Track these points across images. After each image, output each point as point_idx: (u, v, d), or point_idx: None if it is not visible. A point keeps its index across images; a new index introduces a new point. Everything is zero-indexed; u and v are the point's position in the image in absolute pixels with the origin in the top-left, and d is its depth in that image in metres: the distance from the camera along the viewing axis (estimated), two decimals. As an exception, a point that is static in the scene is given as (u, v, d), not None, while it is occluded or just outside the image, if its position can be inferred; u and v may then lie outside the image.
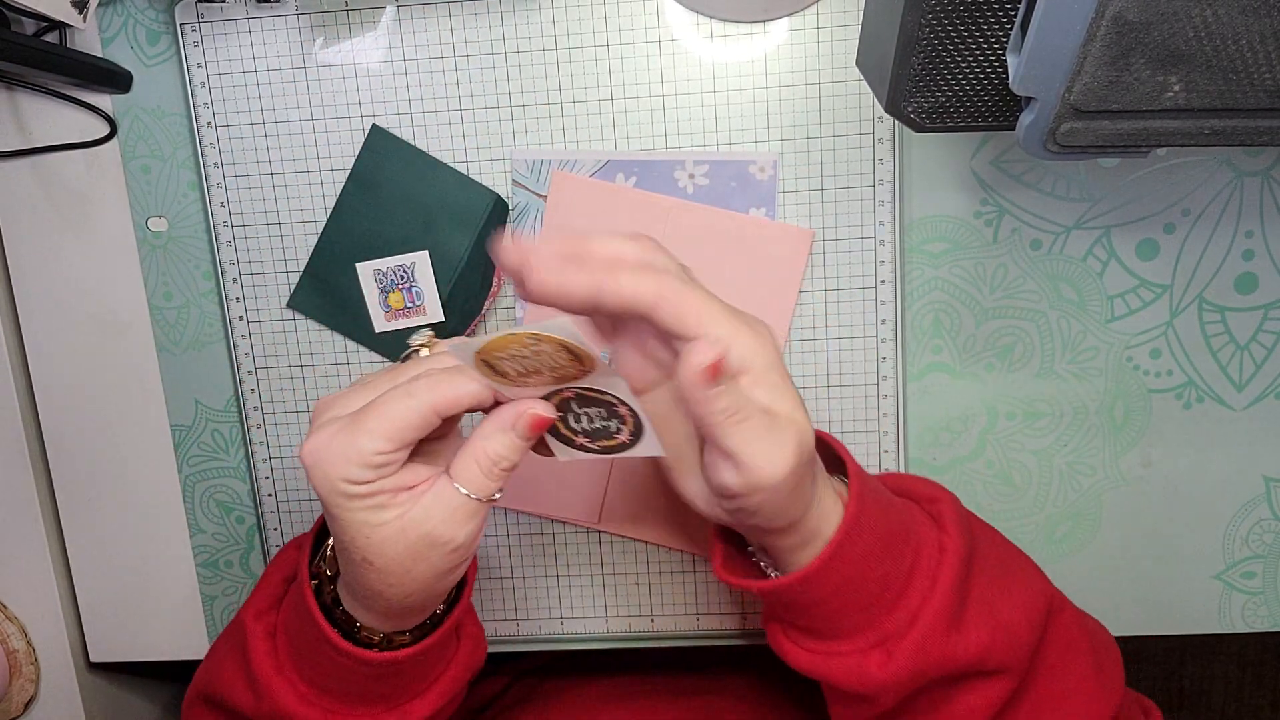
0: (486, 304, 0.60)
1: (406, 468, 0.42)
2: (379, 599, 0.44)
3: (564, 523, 0.64)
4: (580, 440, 0.45)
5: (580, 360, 0.40)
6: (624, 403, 0.42)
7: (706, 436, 0.41)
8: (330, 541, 0.50)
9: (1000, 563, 0.50)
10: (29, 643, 0.67)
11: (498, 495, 0.43)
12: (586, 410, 0.43)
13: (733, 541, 0.51)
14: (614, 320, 0.45)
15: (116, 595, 0.68)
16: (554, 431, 0.45)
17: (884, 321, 0.60)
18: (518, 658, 0.78)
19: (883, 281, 0.59)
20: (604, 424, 0.43)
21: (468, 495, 0.42)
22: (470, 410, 0.42)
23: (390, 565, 0.42)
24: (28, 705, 0.68)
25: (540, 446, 0.45)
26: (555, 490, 0.63)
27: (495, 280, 0.60)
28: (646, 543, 0.64)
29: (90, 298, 0.63)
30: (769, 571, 0.49)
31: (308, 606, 0.46)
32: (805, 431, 0.41)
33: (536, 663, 0.75)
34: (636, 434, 0.43)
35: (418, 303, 0.60)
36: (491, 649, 0.66)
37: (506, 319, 0.61)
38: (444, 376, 0.41)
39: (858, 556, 0.44)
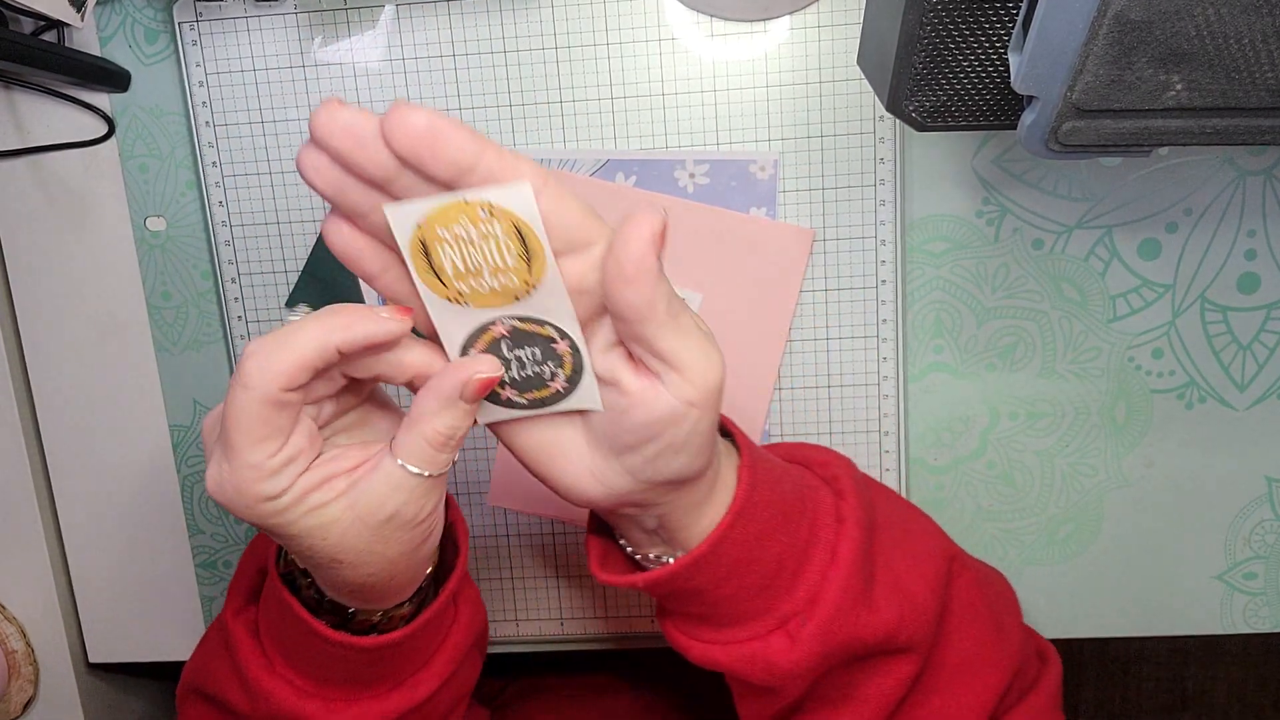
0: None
1: (333, 454, 0.39)
2: (362, 589, 0.41)
3: (564, 523, 0.64)
4: (507, 393, 0.39)
5: (530, 261, 0.35)
6: (565, 335, 0.37)
7: (642, 339, 0.36)
8: None
9: (902, 526, 0.48)
10: (28, 643, 0.67)
11: (443, 472, 0.39)
12: (518, 353, 0.38)
13: (608, 538, 0.47)
14: None
15: (115, 596, 0.68)
16: None
17: (885, 321, 0.59)
18: (518, 657, 0.78)
19: (884, 281, 0.59)
20: (537, 369, 0.38)
21: (411, 469, 0.38)
22: (329, 359, 0.36)
23: (360, 557, 0.39)
24: (27, 706, 0.68)
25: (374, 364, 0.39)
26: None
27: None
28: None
29: (88, 297, 0.63)
30: (648, 566, 0.45)
31: (288, 605, 0.43)
32: (716, 356, 0.38)
33: (536, 662, 0.75)
34: (573, 380, 0.38)
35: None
36: (491, 649, 0.66)
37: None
38: (278, 350, 0.35)
39: (751, 536, 0.42)
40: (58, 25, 0.57)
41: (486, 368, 0.37)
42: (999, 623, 0.50)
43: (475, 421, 0.39)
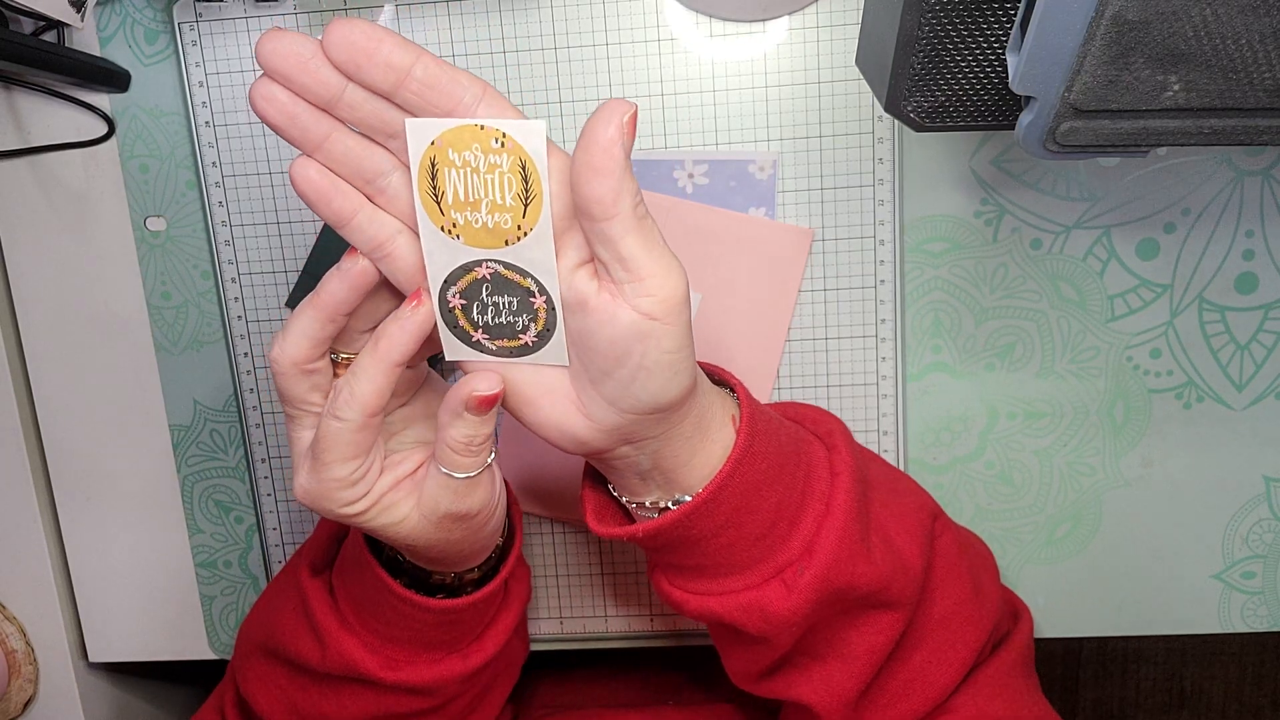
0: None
1: (400, 457, 0.44)
2: (437, 563, 0.47)
3: (564, 523, 0.64)
4: (478, 336, 0.40)
5: (526, 204, 0.36)
6: (544, 291, 0.38)
7: (606, 239, 0.36)
8: None
9: (889, 485, 0.49)
10: (28, 642, 0.67)
11: (490, 460, 0.42)
12: (496, 299, 0.39)
13: (603, 492, 0.49)
14: None
15: (115, 595, 0.68)
16: (451, 323, 0.40)
17: (884, 321, 0.60)
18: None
19: (882, 281, 0.59)
20: (511, 319, 0.40)
21: (457, 476, 0.41)
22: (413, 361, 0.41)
23: (429, 544, 0.44)
24: (27, 705, 0.68)
25: (427, 344, 0.41)
26: (555, 490, 0.63)
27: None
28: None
29: (89, 297, 0.63)
30: (643, 518, 0.46)
31: (370, 567, 0.47)
32: (679, 273, 0.38)
33: (537, 663, 0.75)
34: (544, 336, 0.40)
35: (417, 302, 0.60)
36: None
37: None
38: (351, 378, 0.40)
39: (750, 483, 0.42)
40: (58, 25, 0.57)
41: (485, 386, 0.39)
42: (978, 581, 0.51)
43: (440, 352, 0.42)
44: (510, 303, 0.39)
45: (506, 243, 0.38)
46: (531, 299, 0.39)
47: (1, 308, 0.64)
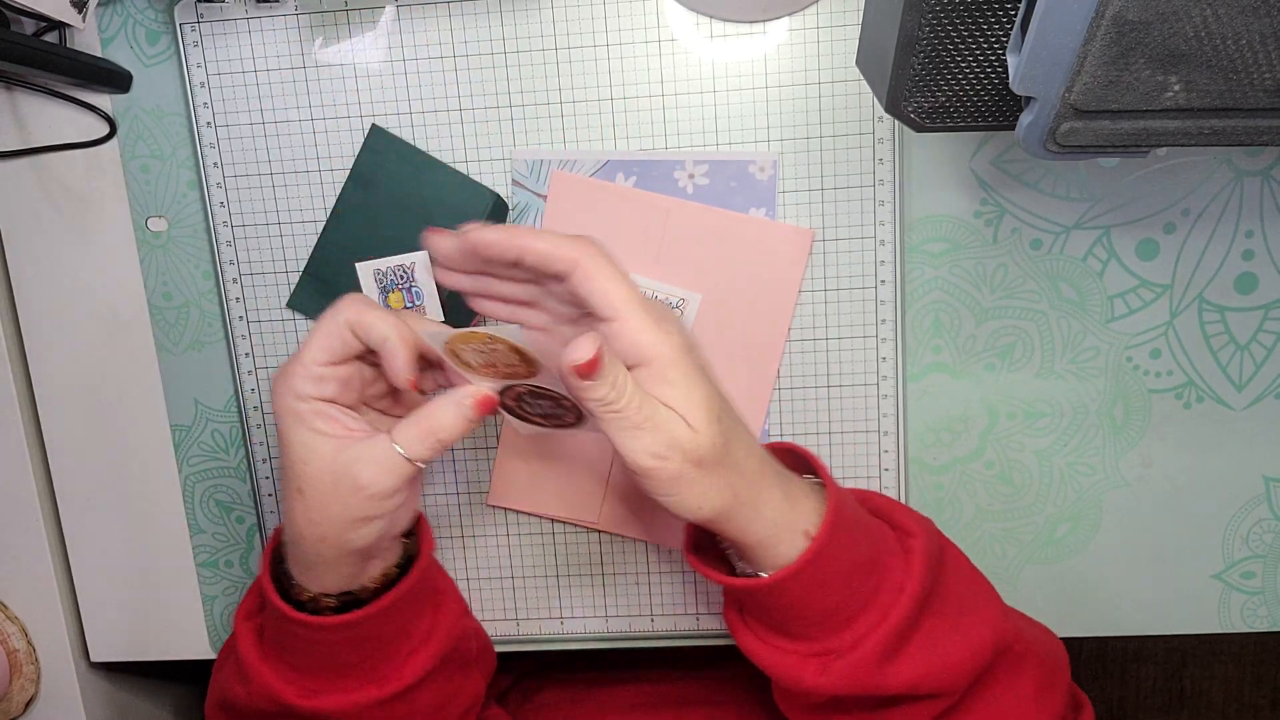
0: (486, 304, 0.60)
1: (354, 417, 0.48)
2: (301, 543, 0.48)
3: (564, 523, 0.64)
4: (535, 418, 0.51)
5: (528, 363, 0.46)
6: (568, 398, 0.48)
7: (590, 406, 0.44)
8: None
9: (958, 603, 0.51)
10: (29, 642, 0.67)
11: (422, 465, 0.47)
12: (538, 402, 0.49)
13: (705, 531, 0.52)
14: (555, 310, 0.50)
15: (117, 595, 0.68)
16: (513, 412, 0.51)
17: (884, 321, 0.60)
18: (518, 657, 0.78)
19: (883, 281, 0.59)
20: (553, 412, 0.50)
21: (397, 449, 0.46)
22: (379, 346, 0.47)
23: (320, 499, 0.46)
24: (28, 705, 0.68)
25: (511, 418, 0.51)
26: (555, 490, 0.63)
27: (495, 280, 0.60)
28: (646, 543, 0.64)
29: (90, 298, 0.63)
30: (737, 565, 0.52)
31: (262, 582, 0.51)
32: (681, 435, 0.44)
33: (538, 664, 0.76)
34: (580, 419, 0.49)
35: (417, 303, 0.60)
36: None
37: (495, 321, 0.61)
38: (361, 304, 0.47)
39: (822, 579, 0.47)
40: (59, 26, 0.58)
41: (489, 388, 0.47)
42: (1042, 682, 0.52)
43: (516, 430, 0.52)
44: (548, 404, 0.49)
45: (525, 377, 0.48)
46: (560, 402, 0.49)
47: (3, 307, 0.64)
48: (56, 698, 0.69)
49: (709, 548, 0.54)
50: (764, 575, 0.48)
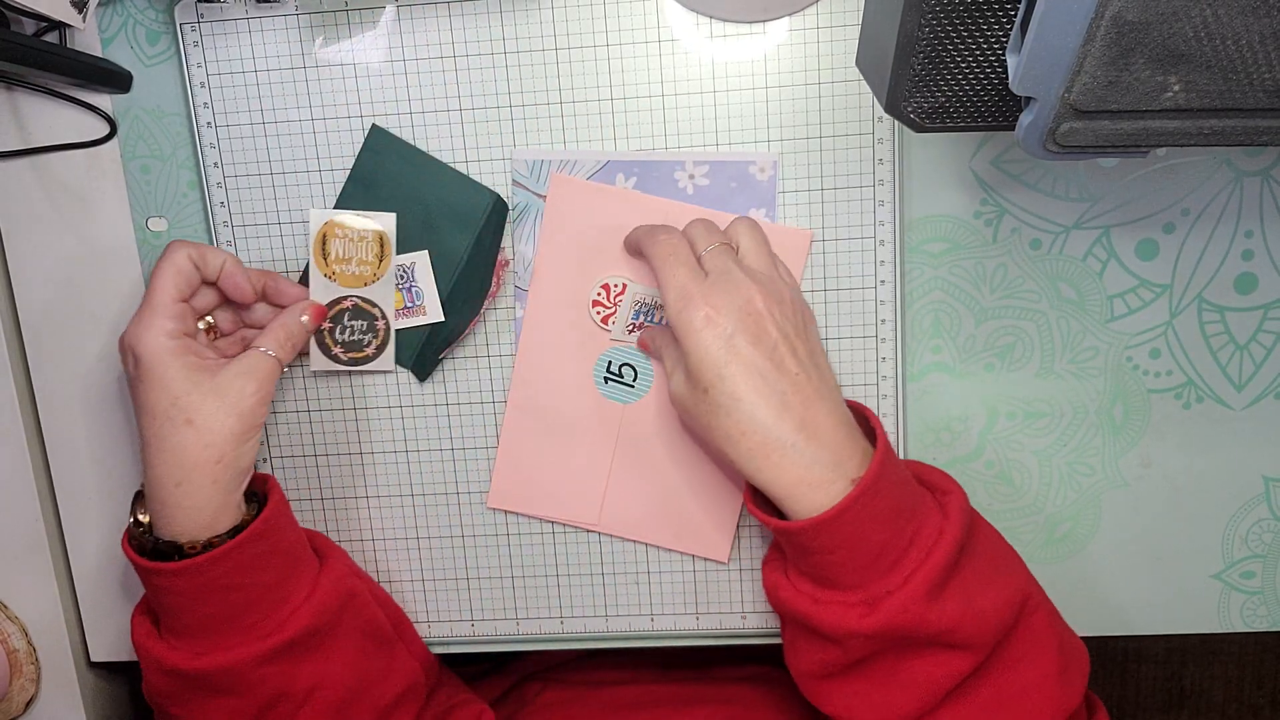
0: (486, 304, 0.60)
1: (204, 344, 0.56)
2: (191, 475, 0.52)
3: (563, 523, 0.64)
4: (335, 350, 0.61)
5: (381, 259, 0.59)
6: (385, 317, 0.60)
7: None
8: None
9: (990, 560, 0.53)
10: (29, 642, 0.67)
11: (285, 368, 0.56)
12: (353, 323, 0.60)
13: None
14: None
15: (117, 595, 0.68)
16: (319, 341, 0.60)
17: (884, 321, 0.60)
18: (518, 657, 0.78)
19: (883, 281, 0.59)
20: (360, 336, 0.60)
21: (265, 351, 0.55)
22: (220, 271, 0.56)
23: (206, 422, 0.52)
24: (28, 705, 0.68)
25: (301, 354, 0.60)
26: (555, 491, 0.63)
27: (495, 280, 0.60)
28: (646, 543, 0.64)
29: (90, 298, 0.63)
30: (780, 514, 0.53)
31: (124, 545, 0.55)
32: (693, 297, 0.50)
33: (539, 664, 0.75)
34: (380, 349, 0.60)
35: (417, 302, 0.60)
36: (491, 649, 0.67)
37: (505, 319, 0.61)
38: (191, 243, 0.55)
39: (867, 517, 0.49)
40: (59, 26, 0.58)
41: (324, 301, 0.59)
42: (1065, 665, 0.53)
43: (301, 362, 0.62)
44: (362, 325, 0.60)
45: (365, 284, 0.60)
46: (377, 321, 0.60)
47: (4, 307, 0.64)
48: (56, 698, 0.69)
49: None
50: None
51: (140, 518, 0.55)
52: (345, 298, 0.59)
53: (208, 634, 0.54)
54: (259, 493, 0.58)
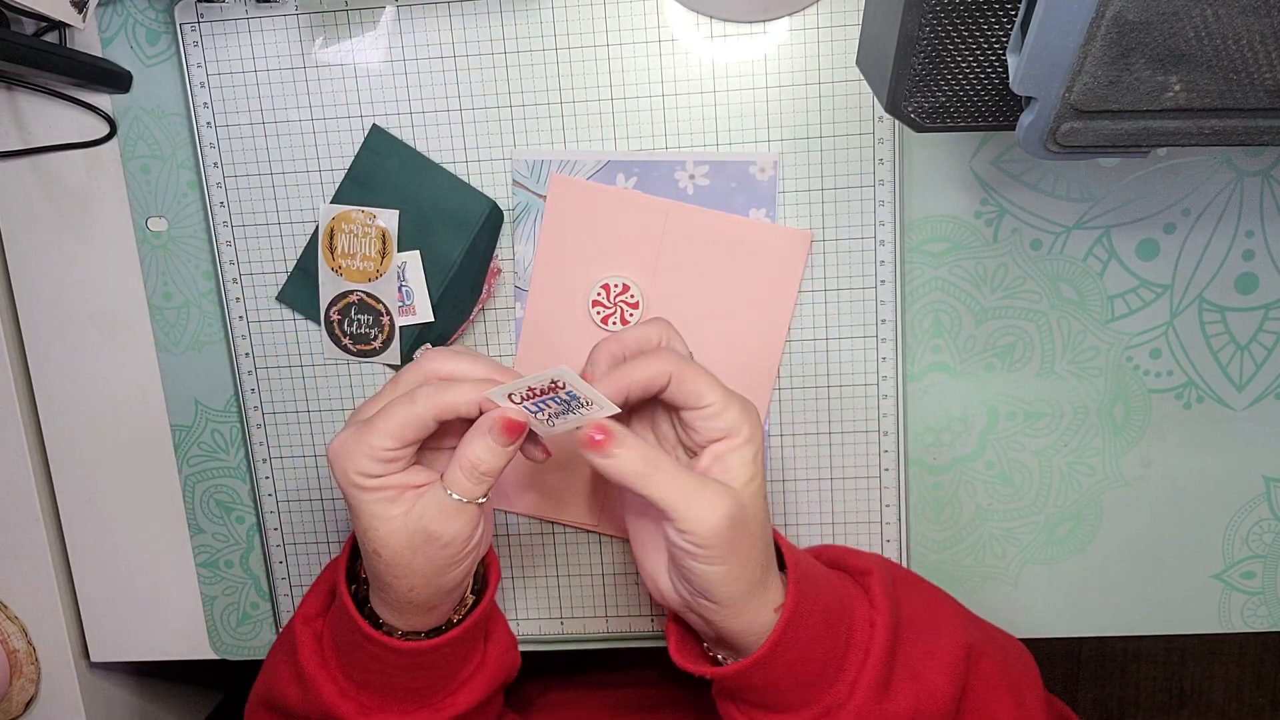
0: (475, 310, 0.60)
1: (415, 469, 0.48)
2: (389, 590, 0.49)
3: (563, 524, 0.64)
4: (345, 341, 0.61)
5: (384, 255, 0.58)
6: (389, 313, 0.60)
7: (648, 497, 0.46)
8: None
9: (923, 623, 0.53)
10: (29, 642, 0.67)
11: (482, 500, 0.48)
12: (360, 317, 0.60)
13: (687, 628, 0.54)
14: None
15: (117, 595, 0.68)
16: (330, 330, 0.61)
17: (884, 321, 0.60)
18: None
19: (883, 281, 0.59)
20: (367, 330, 0.60)
21: (452, 496, 0.47)
22: (465, 417, 0.47)
23: (394, 557, 0.47)
24: (28, 705, 0.68)
25: (532, 449, 0.50)
26: (555, 490, 0.63)
27: (486, 287, 0.60)
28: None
29: (90, 298, 0.63)
30: (719, 657, 0.52)
31: (343, 600, 0.51)
32: (739, 502, 0.46)
33: (538, 664, 0.75)
34: (386, 343, 0.60)
35: (407, 302, 0.60)
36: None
37: (506, 319, 0.61)
38: (443, 385, 0.46)
39: (801, 641, 0.48)
40: (59, 26, 0.58)
41: (514, 412, 0.46)
42: (1020, 699, 0.53)
43: (548, 454, 0.50)
44: (368, 319, 0.60)
45: (369, 279, 0.59)
46: (382, 317, 0.60)
47: (3, 307, 0.64)
48: (56, 698, 0.69)
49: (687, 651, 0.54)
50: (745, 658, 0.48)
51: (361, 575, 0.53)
52: (351, 292, 0.60)
53: (385, 695, 0.52)
54: (481, 574, 0.56)
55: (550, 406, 0.46)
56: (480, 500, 0.47)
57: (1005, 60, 0.41)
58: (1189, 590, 0.63)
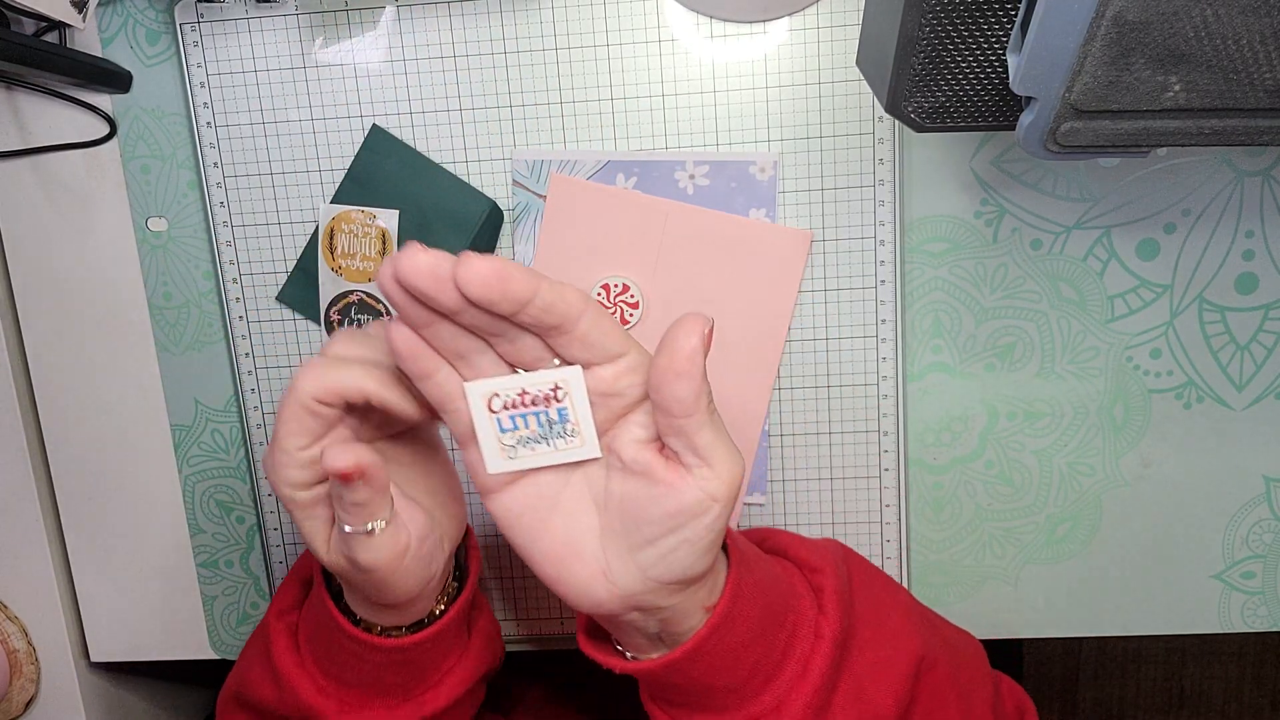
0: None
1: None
2: (373, 606, 0.47)
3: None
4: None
5: (384, 255, 0.57)
6: (389, 313, 0.57)
7: (683, 432, 0.39)
8: None
9: (874, 631, 0.49)
10: (29, 642, 0.67)
11: (374, 526, 0.42)
12: (359, 317, 0.59)
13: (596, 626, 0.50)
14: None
15: (117, 595, 0.68)
16: (329, 330, 0.60)
17: (884, 321, 0.60)
18: (517, 657, 0.77)
19: (883, 281, 0.59)
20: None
21: (344, 528, 0.42)
22: (370, 400, 0.41)
23: (342, 574, 0.45)
24: (28, 705, 0.68)
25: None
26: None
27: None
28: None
29: (90, 298, 0.63)
30: (626, 653, 0.47)
31: (321, 597, 0.48)
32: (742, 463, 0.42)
33: (531, 662, 0.75)
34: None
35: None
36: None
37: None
38: (319, 369, 0.41)
39: (730, 645, 0.44)
40: (59, 26, 0.58)
41: (340, 462, 0.39)
42: (968, 708, 0.50)
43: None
44: (369, 319, 0.59)
45: (369, 279, 0.60)
46: (382, 319, 0.58)
47: (3, 307, 0.64)
48: (56, 698, 0.69)
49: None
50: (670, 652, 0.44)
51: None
52: (351, 292, 0.60)
53: (365, 691, 0.49)
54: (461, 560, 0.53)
55: (527, 427, 0.39)
56: (374, 528, 0.41)
57: (1005, 60, 0.41)
58: (1189, 590, 0.63)
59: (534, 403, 0.39)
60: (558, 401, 0.39)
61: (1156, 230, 0.58)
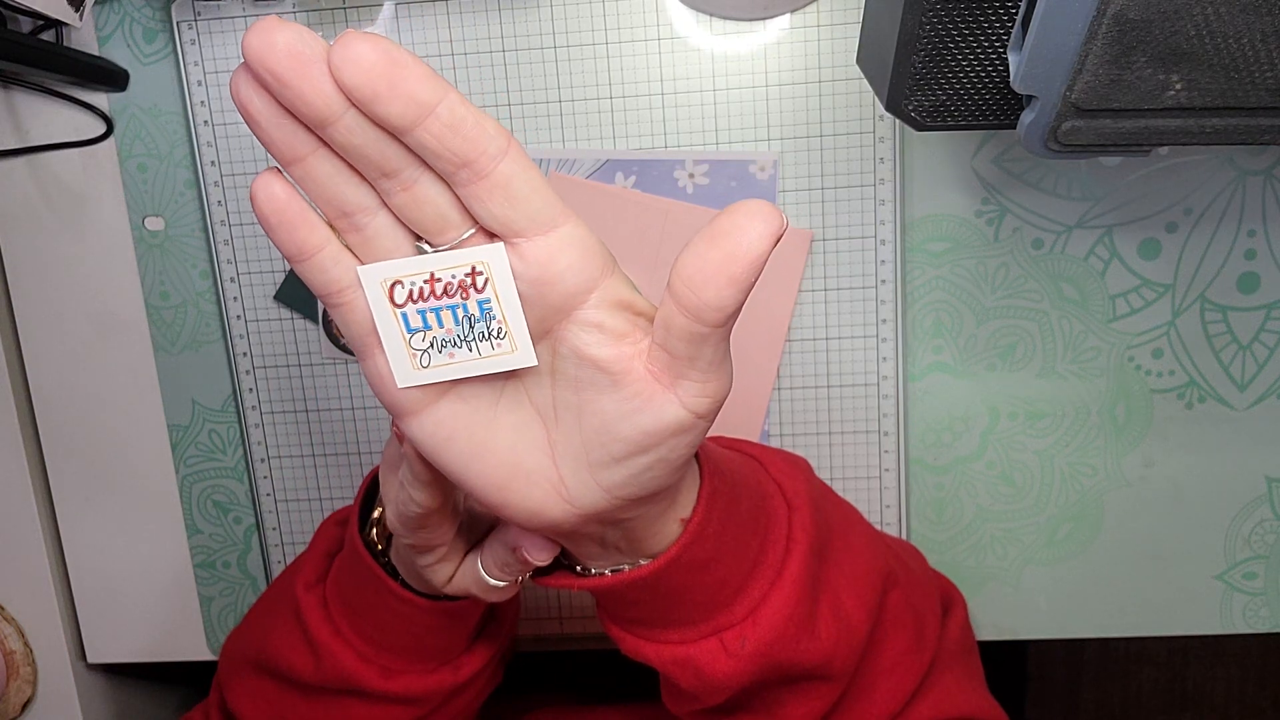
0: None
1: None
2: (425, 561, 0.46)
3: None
4: (344, 340, 0.50)
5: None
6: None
7: (703, 343, 0.32)
8: (377, 514, 0.50)
9: (845, 540, 0.47)
10: (26, 643, 0.67)
11: (519, 583, 0.46)
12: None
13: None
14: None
15: (114, 596, 0.68)
16: (328, 328, 0.55)
17: (884, 321, 0.59)
18: (517, 657, 0.77)
19: (883, 281, 0.59)
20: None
21: (489, 582, 0.45)
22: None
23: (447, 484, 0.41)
24: (25, 706, 0.68)
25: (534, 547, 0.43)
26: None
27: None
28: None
29: (87, 297, 0.63)
30: (579, 568, 0.43)
31: (366, 564, 0.48)
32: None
33: (533, 670, 0.75)
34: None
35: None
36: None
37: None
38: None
39: (699, 561, 0.40)
40: (56, 24, 0.57)
41: (539, 556, 0.41)
42: (920, 629, 0.50)
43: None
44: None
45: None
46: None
47: (0, 307, 0.64)
48: (53, 699, 0.69)
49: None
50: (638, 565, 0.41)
51: (375, 530, 0.50)
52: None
53: (406, 656, 0.50)
54: None
55: (441, 326, 0.31)
56: (517, 586, 0.46)
57: (1006, 58, 0.41)
58: (1191, 591, 0.63)
59: (447, 292, 0.30)
60: (478, 291, 0.30)
61: (1158, 229, 0.58)
